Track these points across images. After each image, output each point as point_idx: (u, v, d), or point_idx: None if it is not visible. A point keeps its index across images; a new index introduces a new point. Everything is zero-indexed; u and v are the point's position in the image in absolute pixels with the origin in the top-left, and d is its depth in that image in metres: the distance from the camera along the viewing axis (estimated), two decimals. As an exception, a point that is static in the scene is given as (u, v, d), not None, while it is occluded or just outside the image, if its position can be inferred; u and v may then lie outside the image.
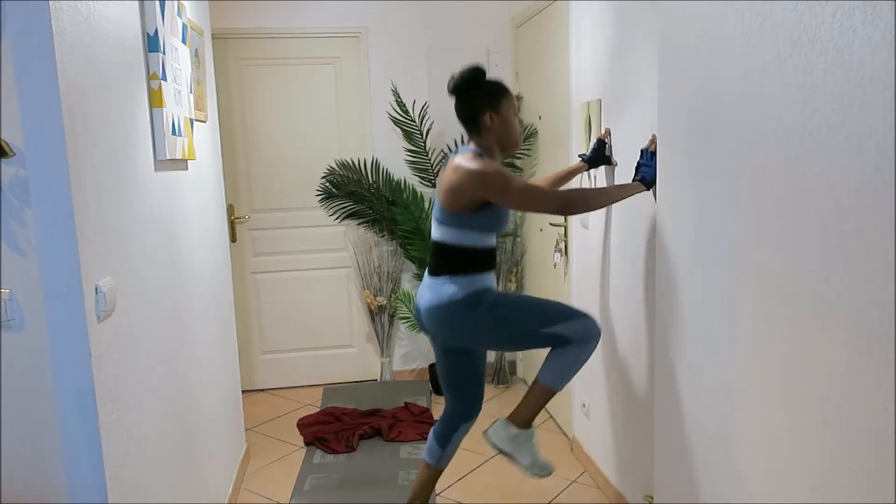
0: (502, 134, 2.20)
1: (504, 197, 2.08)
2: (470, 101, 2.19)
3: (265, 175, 4.03)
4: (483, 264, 2.20)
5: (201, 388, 2.37)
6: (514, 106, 2.22)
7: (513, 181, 2.07)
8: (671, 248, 1.76)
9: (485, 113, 2.17)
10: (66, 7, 1.37)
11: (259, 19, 3.89)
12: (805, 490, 1.22)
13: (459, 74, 2.19)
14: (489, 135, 2.19)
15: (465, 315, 2.17)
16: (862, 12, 1.02)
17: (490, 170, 2.07)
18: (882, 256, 1.00)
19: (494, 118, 2.17)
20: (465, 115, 2.21)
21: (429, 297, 2.21)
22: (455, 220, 2.15)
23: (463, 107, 2.21)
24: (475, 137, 2.22)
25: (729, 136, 1.42)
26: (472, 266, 2.17)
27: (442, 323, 2.20)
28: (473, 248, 2.17)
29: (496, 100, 2.18)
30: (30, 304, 1.37)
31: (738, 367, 1.43)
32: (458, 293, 2.15)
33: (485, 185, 2.06)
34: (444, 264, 2.18)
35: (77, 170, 1.38)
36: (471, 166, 2.07)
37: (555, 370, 2.20)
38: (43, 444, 1.41)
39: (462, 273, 2.16)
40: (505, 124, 2.19)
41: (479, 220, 2.14)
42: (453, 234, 2.16)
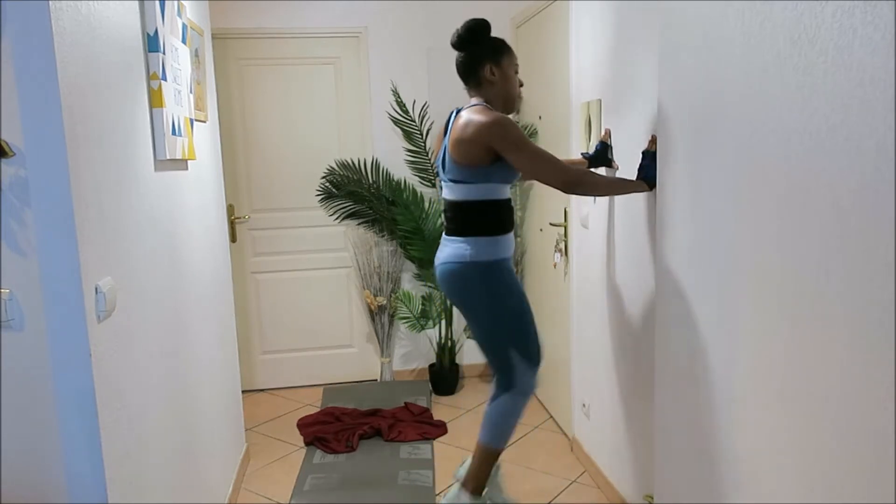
0: (502, 89, 2.19)
1: (517, 153, 2.05)
2: (471, 53, 2.18)
3: (265, 175, 4.03)
4: (503, 224, 2.18)
5: (201, 388, 2.37)
6: (514, 64, 2.21)
7: (526, 140, 2.06)
8: (671, 248, 1.76)
9: (486, 65, 2.16)
10: (66, 7, 1.37)
11: (259, 19, 3.89)
12: (805, 490, 1.22)
13: (464, 26, 2.18)
14: (490, 88, 2.18)
15: (478, 278, 2.15)
16: (862, 12, 1.02)
17: (506, 121, 2.05)
18: (882, 256, 1.00)
19: (495, 71, 2.16)
20: (466, 67, 2.20)
21: (447, 253, 2.20)
22: (472, 174, 2.11)
23: (464, 58, 2.20)
24: (475, 92, 2.21)
25: (729, 136, 1.42)
26: (494, 225, 2.15)
27: (453, 278, 2.18)
28: (492, 201, 2.14)
29: (498, 54, 2.17)
30: (30, 304, 1.37)
31: (737, 366, 1.43)
32: (479, 255, 2.13)
33: (500, 135, 2.03)
34: (466, 224, 2.15)
35: (77, 170, 1.38)
36: (484, 118, 2.05)
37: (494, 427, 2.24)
38: (43, 444, 1.41)
39: (485, 233, 2.14)
40: (505, 79, 2.18)
41: (498, 170, 2.11)
42: (470, 189, 2.13)
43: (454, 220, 2.20)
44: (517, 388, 2.20)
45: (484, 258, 2.13)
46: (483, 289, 2.15)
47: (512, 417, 2.24)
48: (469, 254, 2.14)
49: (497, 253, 2.15)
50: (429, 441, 3.35)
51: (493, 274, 2.14)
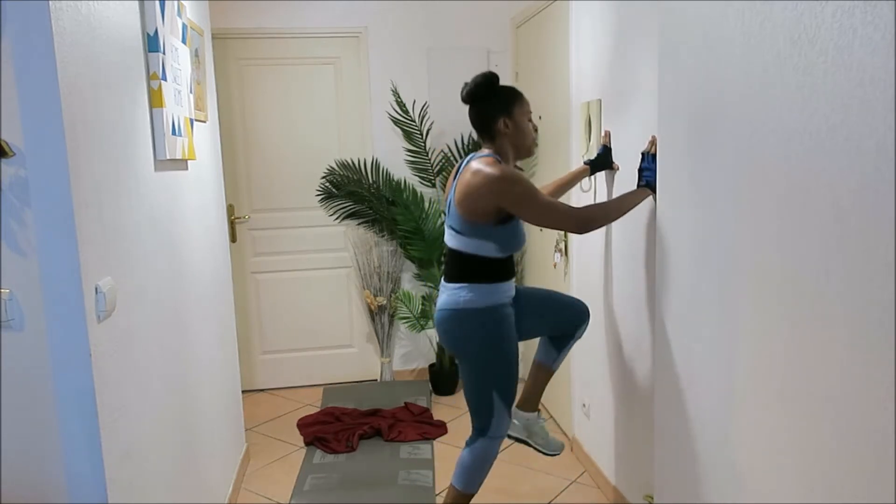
0: (516, 139, 2.18)
1: (524, 209, 2.05)
2: (484, 107, 2.17)
3: (265, 175, 4.03)
4: (503, 273, 2.18)
5: (201, 388, 2.37)
6: (527, 111, 2.21)
7: (536, 193, 2.05)
8: (671, 247, 1.76)
9: (499, 119, 2.15)
10: (66, 7, 1.37)
11: (259, 19, 3.89)
12: (805, 490, 1.22)
13: (473, 81, 2.16)
14: (503, 140, 2.17)
15: (472, 324, 2.17)
16: (862, 12, 1.02)
17: (513, 177, 2.04)
18: (882, 256, 1.00)
19: (509, 123, 2.15)
20: (480, 121, 2.19)
21: (443, 300, 2.21)
22: (472, 230, 2.11)
23: (477, 113, 2.19)
24: (489, 143, 2.20)
25: (729, 136, 1.42)
26: (492, 275, 2.15)
27: (447, 325, 2.21)
28: (492, 258, 2.15)
29: (510, 105, 2.16)
30: (30, 304, 1.37)
31: (738, 367, 1.43)
32: (473, 301, 2.14)
33: (506, 192, 2.03)
34: (462, 272, 2.16)
35: (77, 170, 1.38)
36: (492, 171, 2.03)
37: (468, 472, 2.30)
38: (43, 444, 1.41)
39: (481, 280, 2.15)
40: (519, 130, 2.17)
41: (498, 235, 2.12)
42: (472, 244, 2.13)
43: (450, 265, 2.21)
44: (492, 432, 2.25)
45: (477, 305, 2.14)
46: (475, 336, 2.17)
47: (487, 462, 2.29)
48: (462, 301, 2.15)
49: (492, 300, 2.16)
50: (429, 441, 3.35)
51: (486, 321, 2.16)
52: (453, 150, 4.00)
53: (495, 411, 2.22)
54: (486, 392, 2.21)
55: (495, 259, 2.16)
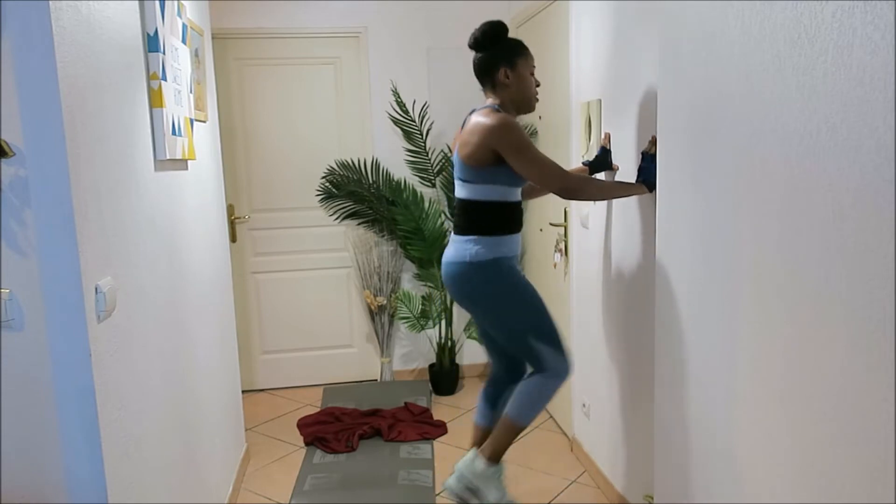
0: (517, 92, 2.20)
1: (517, 156, 2.07)
2: (487, 55, 2.19)
3: (265, 175, 4.03)
4: (510, 224, 2.19)
5: (201, 388, 2.37)
6: (530, 66, 2.22)
7: (531, 144, 2.08)
8: (671, 247, 1.76)
9: (500, 68, 2.17)
10: (66, 7, 1.37)
11: (259, 19, 3.89)
12: (805, 490, 1.22)
13: (479, 28, 2.19)
14: (504, 91, 2.20)
15: (480, 278, 2.16)
16: (862, 12, 1.02)
17: (509, 124, 2.07)
18: (882, 256, 1.00)
19: (510, 74, 2.17)
20: (482, 69, 2.21)
21: (451, 253, 2.21)
22: (478, 174, 2.13)
23: (480, 61, 2.21)
24: (490, 93, 2.23)
25: (729, 136, 1.42)
26: (498, 225, 2.16)
27: (456, 280, 2.20)
28: (500, 202, 2.15)
29: (513, 56, 2.18)
30: (30, 304, 1.37)
31: (738, 367, 1.43)
32: (481, 254, 2.14)
33: (501, 138, 2.06)
34: (470, 222, 2.17)
35: (77, 170, 1.38)
36: (489, 120, 2.08)
37: (521, 404, 2.21)
38: (43, 444, 1.41)
39: (488, 233, 2.15)
40: (520, 82, 2.19)
41: (503, 172, 2.13)
42: (478, 190, 2.15)
43: (460, 217, 2.22)
44: (550, 371, 2.19)
45: (485, 257, 2.14)
46: (487, 288, 2.16)
47: (542, 396, 2.21)
48: (470, 253, 2.15)
49: (499, 252, 2.16)
50: (429, 441, 3.35)
51: (495, 272, 2.15)
52: (453, 149, 4.00)
53: (542, 354, 2.16)
54: (523, 342, 2.17)
55: (503, 205, 2.16)
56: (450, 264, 2.21)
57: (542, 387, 2.20)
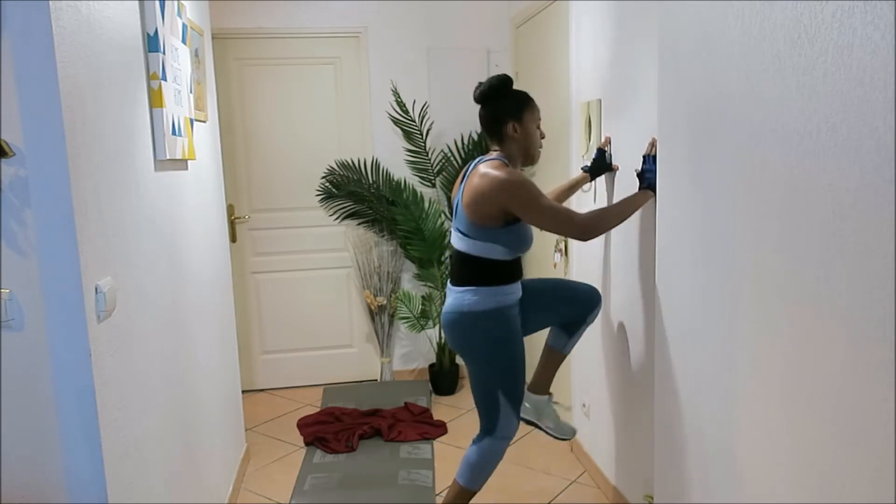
0: (523, 145, 2.20)
1: (529, 212, 2.07)
2: (495, 109, 2.19)
3: (265, 175, 4.03)
4: (510, 275, 2.19)
5: (201, 387, 2.37)
6: (536, 118, 2.22)
7: (541, 197, 2.06)
8: (671, 247, 1.76)
9: (508, 122, 2.17)
10: (66, 7, 1.37)
11: (259, 19, 3.89)
12: (805, 490, 1.22)
13: (487, 82, 2.19)
14: (511, 144, 2.20)
15: (476, 328, 2.17)
16: (862, 12, 1.02)
17: (519, 180, 2.06)
18: (882, 256, 1.00)
19: (517, 128, 2.17)
20: (489, 122, 2.21)
21: (449, 303, 2.23)
22: (479, 233, 2.13)
23: (487, 114, 2.21)
24: (497, 146, 2.22)
25: (729, 136, 1.42)
26: (498, 277, 2.16)
27: (454, 330, 2.22)
28: (500, 260, 2.16)
29: (520, 110, 2.18)
30: (30, 304, 1.37)
31: (738, 367, 1.43)
32: (479, 304, 2.15)
33: (512, 195, 2.05)
34: (468, 274, 2.17)
35: (77, 170, 1.38)
36: (499, 174, 2.06)
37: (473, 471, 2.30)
38: (43, 444, 1.41)
39: (487, 283, 2.15)
40: (527, 135, 2.19)
41: (505, 237, 2.13)
42: (479, 247, 2.14)
43: (458, 267, 2.22)
44: (500, 433, 2.25)
45: (482, 308, 2.15)
46: (480, 338, 2.19)
47: (492, 461, 2.29)
48: (467, 304, 2.16)
49: (497, 302, 2.16)
50: (429, 441, 3.35)
51: (491, 323, 2.17)
52: (453, 150, 4.00)
53: (501, 412, 2.23)
54: (493, 393, 2.22)
55: (502, 261, 2.16)
56: (448, 314, 2.23)
57: (491, 451, 2.27)
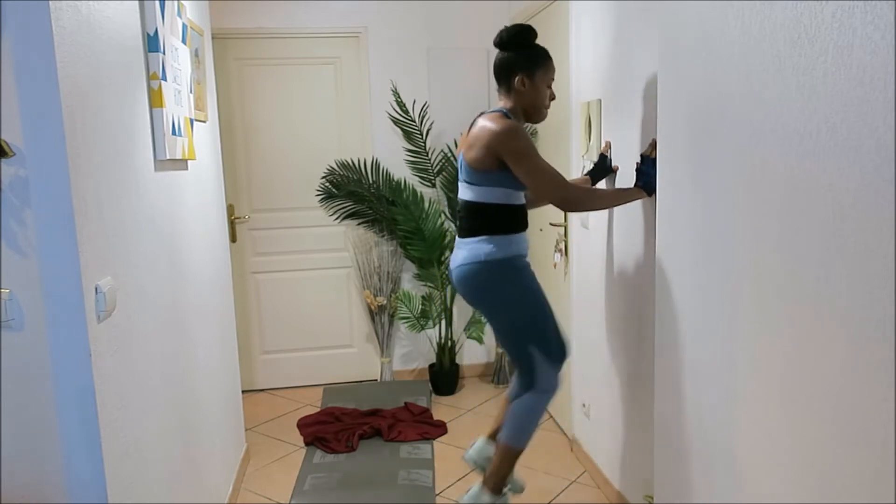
0: (529, 100, 2.19)
1: (518, 163, 2.07)
2: (509, 57, 2.18)
3: (265, 175, 4.03)
4: (517, 223, 2.19)
5: (201, 387, 2.37)
6: (549, 77, 2.21)
7: (535, 153, 2.07)
8: (671, 247, 1.76)
9: (518, 74, 2.16)
10: (66, 7, 1.37)
11: (259, 19, 3.89)
12: (805, 490, 1.22)
13: (507, 29, 2.17)
14: (517, 98, 2.19)
15: (496, 278, 2.15)
16: (862, 12, 1.02)
17: (514, 132, 2.07)
18: (882, 256, 1.00)
19: (526, 82, 2.16)
20: (500, 69, 2.20)
21: (462, 255, 2.20)
22: (483, 177, 2.13)
23: (500, 61, 2.20)
24: (503, 96, 2.22)
25: (729, 136, 1.42)
26: (507, 225, 2.16)
27: (470, 281, 2.18)
28: (505, 205, 2.15)
29: (533, 65, 2.17)
30: (30, 304, 1.37)
31: (738, 367, 1.43)
32: (495, 253, 2.14)
33: (505, 144, 2.06)
34: (479, 223, 2.16)
35: (77, 170, 1.38)
36: (495, 125, 2.08)
37: (515, 428, 2.24)
38: (43, 444, 1.41)
39: (499, 232, 2.15)
40: (534, 91, 2.18)
41: (508, 176, 2.13)
42: (484, 192, 2.15)
43: (467, 219, 2.21)
44: (539, 387, 2.20)
45: (499, 255, 2.14)
46: (501, 287, 2.16)
47: (534, 416, 2.23)
48: (484, 252, 2.15)
49: (512, 250, 2.16)
50: (429, 441, 3.35)
51: (510, 271, 2.15)
52: (453, 149, 4.01)
53: (537, 365, 2.18)
54: (523, 346, 2.18)
55: (509, 207, 2.16)
56: (462, 266, 2.19)
57: (532, 407, 2.23)
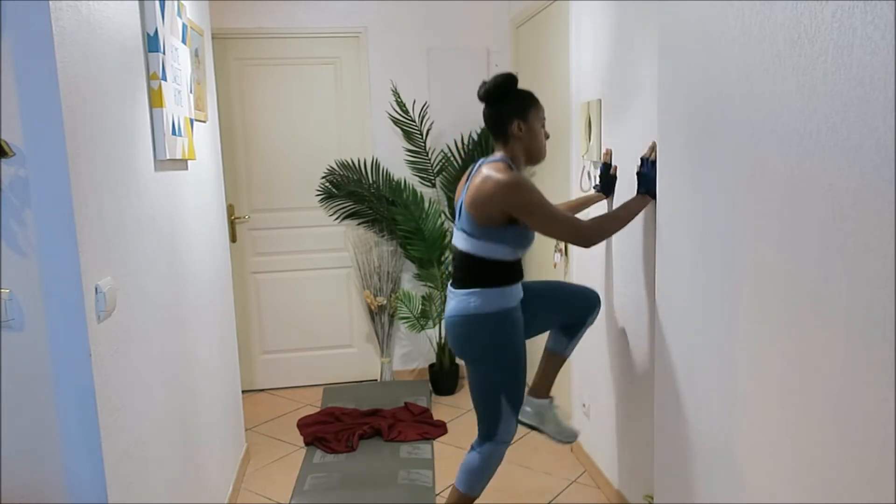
0: (528, 144, 2.18)
1: (532, 216, 2.05)
2: (499, 108, 2.17)
3: (265, 175, 4.03)
4: (513, 276, 2.18)
5: (201, 388, 2.37)
6: (541, 117, 2.21)
7: (544, 202, 2.05)
8: (671, 247, 1.76)
9: (513, 121, 2.15)
10: (66, 7, 1.37)
11: (259, 19, 3.89)
12: (805, 490, 1.22)
13: (491, 81, 2.16)
14: (516, 144, 2.17)
15: (481, 330, 2.16)
16: (862, 12, 1.02)
17: (522, 184, 2.05)
18: (882, 256, 1.00)
19: (522, 127, 2.15)
20: (494, 122, 2.18)
21: (452, 307, 2.20)
22: (483, 232, 2.11)
23: (491, 114, 2.18)
24: (501, 146, 2.20)
25: (729, 136, 1.42)
26: (501, 278, 2.15)
27: (458, 334, 2.20)
28: (503, 261, 2.15)
29: (525, 110, 2.16)
30: (30, 304, 1.37)
31: (738, 367, 1.43)
32: (484, 306, 2.14)
33: (514, 199, 2.04)
34: (471, 276, 2.16)
35: (77, 170, 1.38)
36: (502, 177, 2.04)
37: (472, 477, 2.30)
38: (43, 444, 1.41)
39: (492, 284, 2.14)
40: (532, 134, 2.17)
41: (508, 236, 2.12)
42: (483, 247, 2.13)
43: (460, 269, 2.20)
44: (499, 437, 2.25)
45: (487, 310, 2.14)
46: (484, 340, 2.17)
47: (492, 466, 2.29)
48: (472, 306, 2.15)
49: (503, 303, 2.16)
50: (429, 441, 3.35)
51: (496, 325, 2.16)
52: (453, 150, 4.01)
53: (502, 416, 2.22)
54: (494, 396, 2.21)
55: (505, 262, 2.15)
56: (452, 317, 2.21)
57: (490, 457, 2.27)
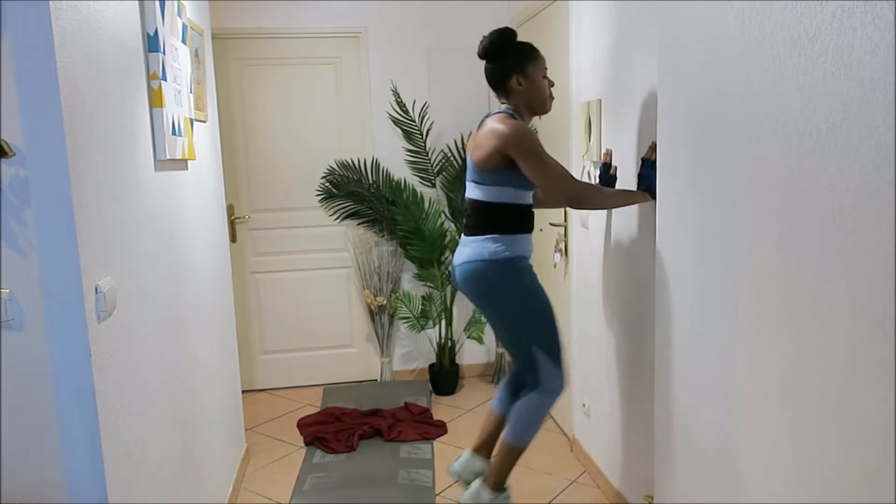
0: (530, 97, 2.21)
1: (527, 162, 2.08)
2: (497, 64, 2.19)
3: (265, 175, 4.03)
4: (524, 224, 2.20)
5: (201, 388, 2.37)
6: (542, 68, 2.23)
7: (542, 151, 2.09)
8: (671, 247, 1.76)
9: (511, 76, 2.18)
10: (66, 7, 1.37)
11: (259, 19, 3.89)
12: (805, 490, 1.22)
13: (487, 37, 2.19)
14: (517, 97, 2.21)
15: (499, 276, 2.16)
16: (862, 12, 1.02)
17: (520, 131, 2.09)
18: (882, 256, 1.00)
19: (522, 81, 2.18)
20: (493, 77, 2.22)
21: (467, 253, 2.20)
22: (491, 177, 2.15)
23: (490, 70, 2.22)
24: (504, 99, 2.24)
25: (729, 136, 1.42)
26: (513, 225, 2.17)
27: (473, 279, 2.18)
28: (512, 204, 2.16)
29: (524, 63, 2.18)
30: (30, 304, 1.37)
31: (738, 367, 1.43)
32: (499, 252, 2.14)
33: (513, 144, 2.08)
34: (486, 222, 2.17)
35: (77, 170, 1.38)
36: (502, 126, 2.10)
37: (519, 426, 2.25)
38: (43, 444, 1.41)
39: (505, 231, 2.16)
40: (532, 87, 2.20)
41: (516, 176, 2.14)
42: (491, 191, 2.16)
43: (474, 217, 2.22)
44: (544, 387, 2.21)
45: (504, 255, 2.15)
46: (503, 286, 2.16)
47: (538, 415, 2.24)
48: (489, 251, 2.15)
49: (517, 250, 2.17)
50: (429, 441, 3.35)
51: (515, 271, 2.16)
52: (453, 150, 4.01)
53: (541, 366, 2.18)
54: (527, 348, 2.19)
55: (516, 207, 2.18)
56: (466, 263, 2.19)
57: (537, 406, 2.23)
